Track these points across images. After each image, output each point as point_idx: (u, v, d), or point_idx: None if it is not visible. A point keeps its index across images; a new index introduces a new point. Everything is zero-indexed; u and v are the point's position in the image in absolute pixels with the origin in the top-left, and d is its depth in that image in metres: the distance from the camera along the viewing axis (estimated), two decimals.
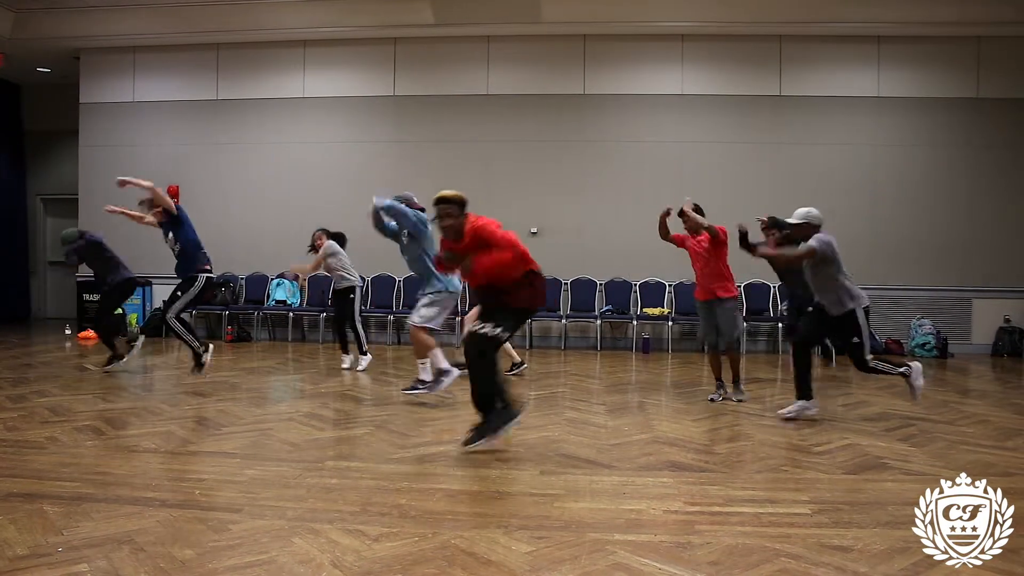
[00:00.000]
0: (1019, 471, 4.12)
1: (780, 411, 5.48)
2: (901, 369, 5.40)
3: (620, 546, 2.93)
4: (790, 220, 5.37)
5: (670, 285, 9.94)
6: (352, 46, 10.50)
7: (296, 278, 8.74)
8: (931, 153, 9.90)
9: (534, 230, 9.90)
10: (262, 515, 3.23)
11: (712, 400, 6.09)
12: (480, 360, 4.18)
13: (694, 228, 5.94)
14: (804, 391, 5.35)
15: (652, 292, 9.96)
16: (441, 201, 4.22)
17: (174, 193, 10.74)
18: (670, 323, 9.74)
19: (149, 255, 9.41)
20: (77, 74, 11.02)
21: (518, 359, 7.32)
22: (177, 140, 10.89)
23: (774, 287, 9.64)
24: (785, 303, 9.00)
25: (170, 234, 6.51)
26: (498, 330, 4.14)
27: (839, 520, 3.27)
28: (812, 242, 5.16)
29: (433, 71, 10.41)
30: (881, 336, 9.55)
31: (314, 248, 7.77)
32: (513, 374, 7.16)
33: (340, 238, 7.77)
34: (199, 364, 6.55)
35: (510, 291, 4.23)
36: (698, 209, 5.96)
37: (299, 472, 3.90)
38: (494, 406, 4.25)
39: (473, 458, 4.25)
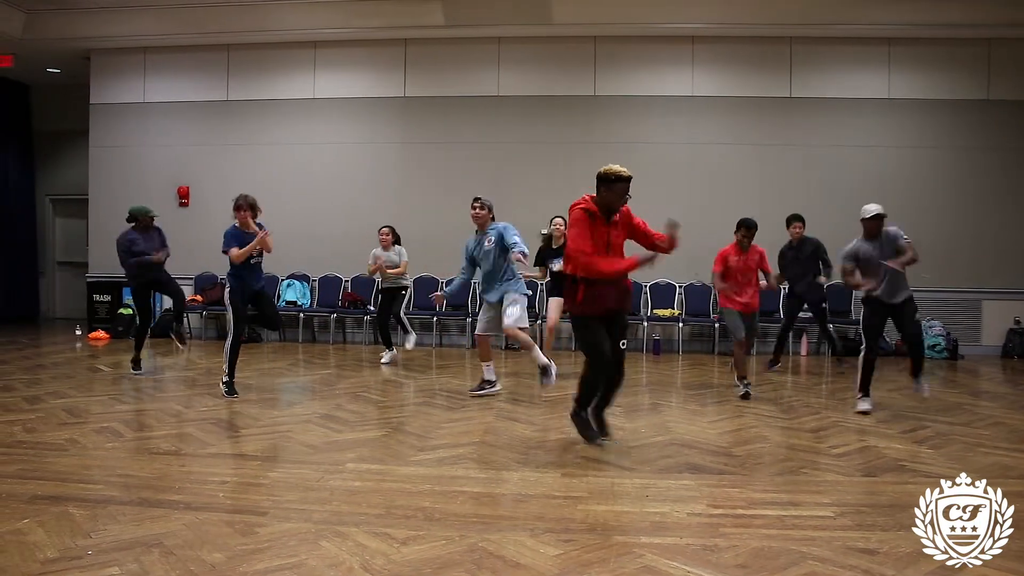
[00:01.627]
0: None
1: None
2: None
3: (647, 549, 2.94)
4: (873, 212, 5.61)
5: (680, 286, 9.94)
6: (362, 47, 10.51)
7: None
8: (941, 155, 9.88)
9: (544, 231, 9.89)
10: (288, 518, 3.24)
11: (748, 396, 6.30)
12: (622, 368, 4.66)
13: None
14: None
15: (662, 293, 9.96)
16: (629, 179, 4.44)
17: (184, 194, 10.83)
18: (680, 324, 9.74)
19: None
20: (87, 74, 11.02)
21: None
22: (187, 141, 10.90)
23: (784, 289, 9.63)
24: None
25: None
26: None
27: (862, 523, 3.28)
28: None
29: (443, 72, 10.41)
30: (892, 338, 9.52)
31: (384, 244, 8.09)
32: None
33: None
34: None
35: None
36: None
37: (321, 475, 3.91)
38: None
39: (492, 460, 4.26)
